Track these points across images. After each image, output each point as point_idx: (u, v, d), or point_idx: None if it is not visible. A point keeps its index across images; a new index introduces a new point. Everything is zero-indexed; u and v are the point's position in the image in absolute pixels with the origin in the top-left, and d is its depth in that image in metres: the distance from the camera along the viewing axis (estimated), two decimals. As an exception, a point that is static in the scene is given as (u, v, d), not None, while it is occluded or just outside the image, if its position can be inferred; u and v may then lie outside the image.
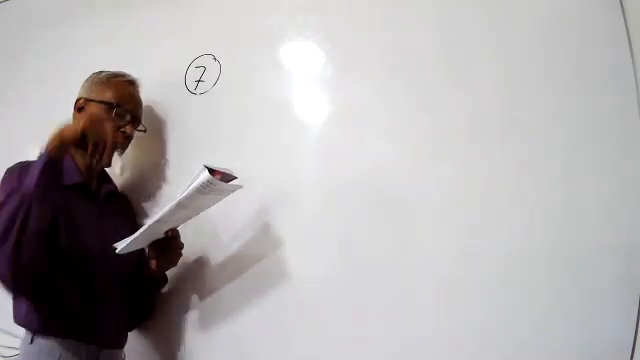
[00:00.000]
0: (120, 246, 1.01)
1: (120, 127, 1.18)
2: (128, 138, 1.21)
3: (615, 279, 0.86)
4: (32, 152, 1.44)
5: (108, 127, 1.13)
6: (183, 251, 1.15)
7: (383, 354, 1.00)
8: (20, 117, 1.62)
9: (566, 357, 0.87)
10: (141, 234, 1.00)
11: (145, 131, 1.29)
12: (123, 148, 1.22)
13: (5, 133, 1.64)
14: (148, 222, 0.99)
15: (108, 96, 1.18)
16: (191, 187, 0.93)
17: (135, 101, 1.24)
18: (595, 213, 0.89)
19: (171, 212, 0.97)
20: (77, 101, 1.20)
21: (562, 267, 0.89)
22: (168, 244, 1.10)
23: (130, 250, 1.03)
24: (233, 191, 1.02)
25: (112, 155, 1.19)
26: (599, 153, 0.90)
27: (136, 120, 1.24)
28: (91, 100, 1.18)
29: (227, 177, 0.97)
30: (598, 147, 0.91)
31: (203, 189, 0.93)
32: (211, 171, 0.91)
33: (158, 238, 1.09)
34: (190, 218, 1.07)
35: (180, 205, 0.96)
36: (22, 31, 1.74)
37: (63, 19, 1.64)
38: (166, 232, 1.08)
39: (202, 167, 0.91)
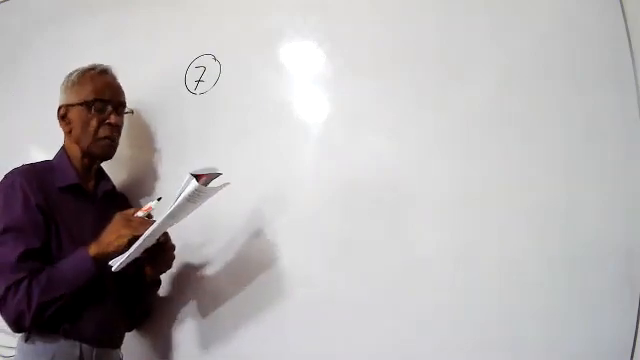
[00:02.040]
0: (115, 264, 1.00)
1: (104, 120, 1.17)
2: (116, 126, 1.20)
3: (615, 279, 0.86)
4: (32, 152, 1.46)
5: (92, 125, 1.15)
6: (182, 252, 1.15)
7: (383, 354, 1.00)
8: (20, 117, 1.62)
9: (566, 357, 0.87)
10: (135, 250, 1.00)
11: (132, 112, 1.28)
12: (115, 136, 1.20)
13: (5, 133, 1.64)
14: (140, 238, 0.99)
15: (85, 94, 1.17)
16: (180, 197, 0.94)
17: (112, 89, 1.21)
18: (595, 213, 0.89)
19: (162, 225, 0.99)
20: (58, 109, 1.19)
21: (562, 267, 0.89)
22: (161, 248, 1.10)
23: (125, 265, 1.03)
24: (219, 190, 1.01)
25: (109, 147, 1.19)
26: (599, 153, 0.90)
27: (120, 105, 1.22)
28: (70, 105, 1.18)
29: (211, 177, 0.98)
30: (598, 147, 0.91)
31: (191, 198, 0.94)
32: (197, 177, 0.93)
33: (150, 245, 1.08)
34: (178, 221, 1.06)
35: (171, 216, 0.97)
36: (22, 31, 1.74)
37: (63, 19, 1.64)
38: (157, 239, 1.07)
39: (189, 176, 0.93)
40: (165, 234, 1.09)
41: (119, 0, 1.53)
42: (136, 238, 0.99)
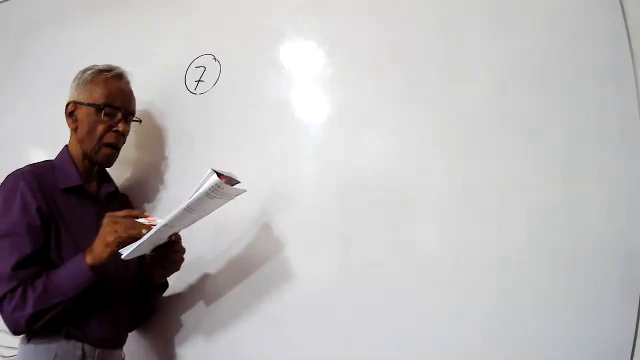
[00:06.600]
0: (125, 252, 0.99)
1: (112, 127, 1.17)
2: (122, 135, 1.19)
3: (615, 279, 0.86)
4: (32, 152, 1.46)
5: (99, 130, 1.15)
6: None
7: (383, 353, 1.00)
8: (20, 117, 1.62)
9: (566, 357, 0.87)
10: (147, 239, 0.99)
11: (140, 121, 1.28)
12: (120, 144, 1.20)
13: (5, 133, 1.64)
14: (155, 227, 0.98)
15: (96, 96, 1.16)
16: (200, 191, 0.92)
17: (125, 96, 1.20)
18: (595, 213, 0.89)
19: (178, 216, 0.96)
20: (67, 105, 1.18)
21: (562, 267, 0.89)
22: (170, 249, 1.09)
23: (135, 255, 1.01)
24: (237, 195, 1.01)
25: (112, 155, 1.19)
26: (599, 153, 0.90)
27: (129, 114, 1.22)
28: (80, 103, 1.17)
29: (232, 181, 0.97)
30: (598, 147, 0.91)
31: (211, 192, 0.92)
32: (218, 175, 0.91)
33: (161, 243, 1.07)
34: (193, 222, 1.05)
35: (188, 209, 0.95)
36: (22, 31, 1.74)
37: (63, 19, 1.64)
38: (169, 237, 1.06)
39: (210, 171, 0.91)
40: (176, 234, 1.07)
41: (119, 0, 1.53)
42: (127, 241, 0.97)
